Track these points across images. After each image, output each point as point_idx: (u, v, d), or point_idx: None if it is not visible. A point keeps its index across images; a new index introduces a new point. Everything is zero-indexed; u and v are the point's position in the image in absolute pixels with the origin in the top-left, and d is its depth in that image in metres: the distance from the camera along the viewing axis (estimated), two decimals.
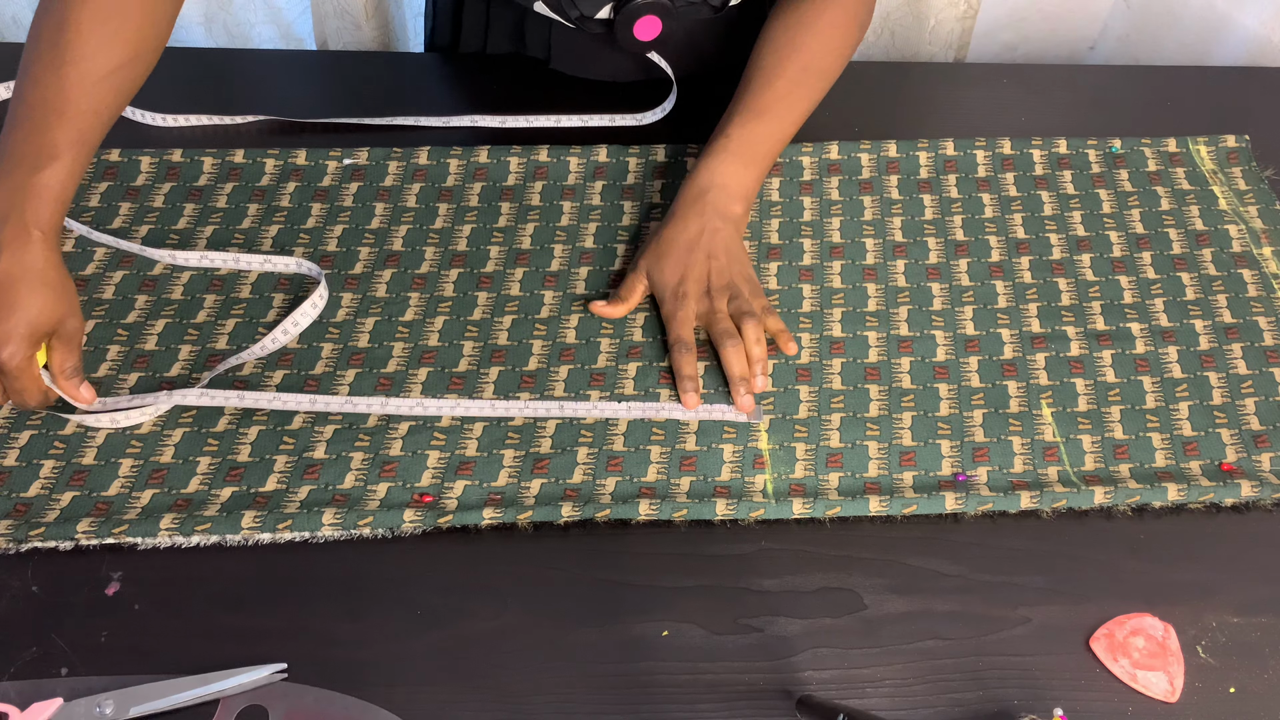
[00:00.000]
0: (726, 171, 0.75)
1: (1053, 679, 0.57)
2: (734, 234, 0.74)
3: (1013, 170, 0.84)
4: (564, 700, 0.56)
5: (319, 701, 0.55)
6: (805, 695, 0.54)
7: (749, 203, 0.76)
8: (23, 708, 0.54)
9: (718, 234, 0.73)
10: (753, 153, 0.76)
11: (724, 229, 0.73)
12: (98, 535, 0.60)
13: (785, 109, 0.78)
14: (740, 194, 0.75)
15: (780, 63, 0.78)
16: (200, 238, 0.78)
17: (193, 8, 1.19)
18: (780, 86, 0.78)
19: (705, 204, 0.74)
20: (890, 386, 0.70)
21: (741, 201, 0.75)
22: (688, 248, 0.72)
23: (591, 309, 0.73)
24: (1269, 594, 0.61)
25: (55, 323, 0.64)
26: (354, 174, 0.83)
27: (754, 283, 0.73)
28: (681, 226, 0.73)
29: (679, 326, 0.70)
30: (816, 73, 0.79)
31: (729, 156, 0.75)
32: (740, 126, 0.76)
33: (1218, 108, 0.91)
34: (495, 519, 0.62)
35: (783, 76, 0.78)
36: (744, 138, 0.76)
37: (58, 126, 0.64)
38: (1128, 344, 0.72)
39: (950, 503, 0.63)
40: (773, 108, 0.77)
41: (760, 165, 0.77)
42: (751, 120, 0.77)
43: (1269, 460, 0.66)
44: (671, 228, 0.74)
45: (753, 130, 0.76)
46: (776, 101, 0.77)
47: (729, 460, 0.65)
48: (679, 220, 0.74)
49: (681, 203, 0.75)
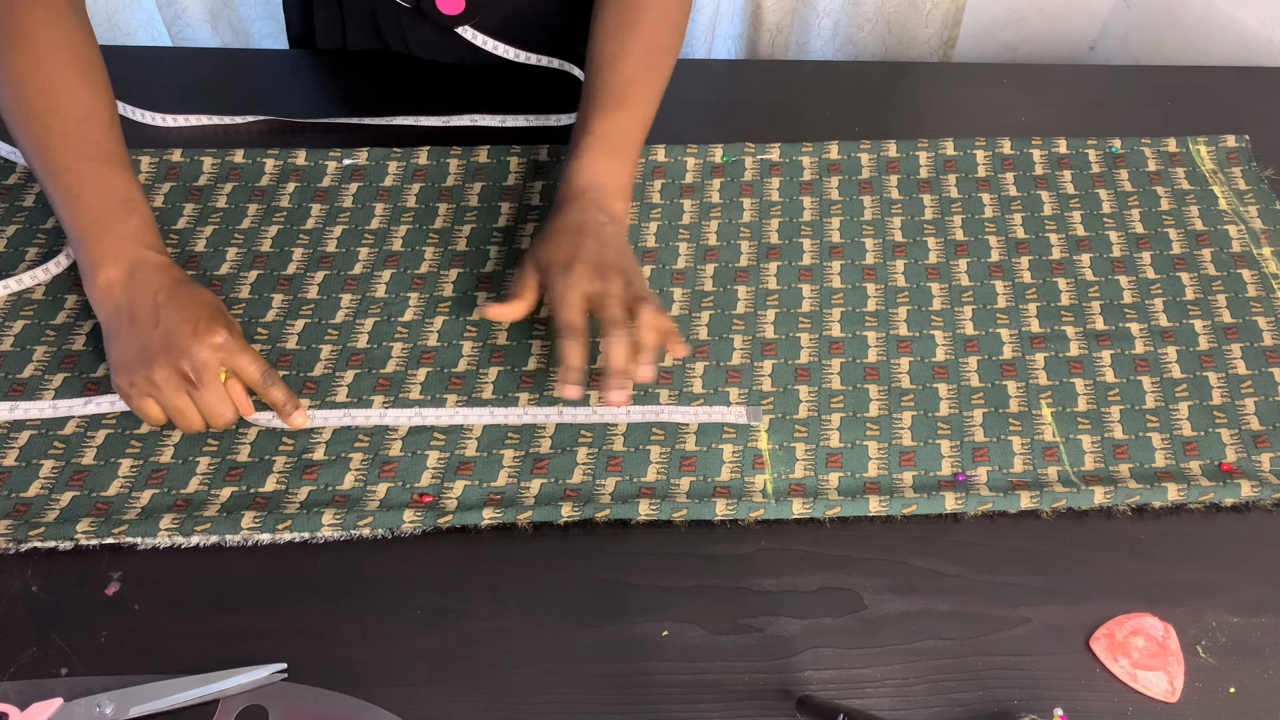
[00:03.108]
0: (600, 169, 0.73)
1: (1053, 679, 0.57)
2: (619, 230, 0.71)
3: (1013, 170, 0.84)
4: (564, 700, 0.56)
5: (319, 701, 0.55)
6: (805, 695, 0.54)
7: (628, 197, 0.74)
8: (23, 708, 0.54)
9: (603, 226, 0.70)
10: (620, 144, 0.74)
11: (609, 224, 0.71)
12: (97, 535, 0.60)
13: (640, 94, 0.76)
14: (618, 190, 0.73)
15: (621, 46, 0.76)
16: (200, 237, 0.78)
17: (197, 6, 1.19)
18: (628, 70, 0.76)
19: (586, 201, 0.71)
20: (890, 386, 0.70)
21: (621, 198, 0.73)
22: (577, 230, 0.69)
23: (485, 313, 0.68)
24: (1269, 594, 0.61)
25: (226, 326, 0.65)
26: (354, 174, 0.83)
27: (642, 278, 0.71)
28: (565, 218, 0.71)
29: (568, 310, 0.65)
30: (659, 50, 0.78)
31: (600, 154, 0.73)
32: (603, 120, 0.74)
33: (1218, 108, 0.91)
34: (495, 519, 0.62)
35: (628, 60, 0.76)
36: (609, 131, 0.74)
37: (117, 177, 0.68)
38: (1127, 344, 0.72)
39: (950, 503, 0.63)
40: (628, 95, 0.75)
41: (630, 156, 0.75)
42: (612, 111, 0.74)
43: (1269, 460, 0.66)
44: (557, 218, 0.71)
45: (616, 122, 0.74)
46: (630, 87, 0.76)
47: (728, 460, 0.66)
48: (563, 214, 0.71)
49: (562, 202, 0.72)
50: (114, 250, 0.66)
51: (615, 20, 0.78)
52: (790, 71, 1.02)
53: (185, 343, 0.63)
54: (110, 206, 0.67)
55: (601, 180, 0.73)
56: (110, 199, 0.67)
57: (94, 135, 0.68)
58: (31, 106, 0.68)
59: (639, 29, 0.77)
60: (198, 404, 0.64)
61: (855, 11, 1.24)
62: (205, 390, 0.63)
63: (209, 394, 0.63)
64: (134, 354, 0.63)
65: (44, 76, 0.68)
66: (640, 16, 0.77)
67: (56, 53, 0.68)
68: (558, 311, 0.66)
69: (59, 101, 0.68)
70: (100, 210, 0.67)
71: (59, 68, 0.68)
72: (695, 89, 0.93)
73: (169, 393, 0.63)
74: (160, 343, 0.63)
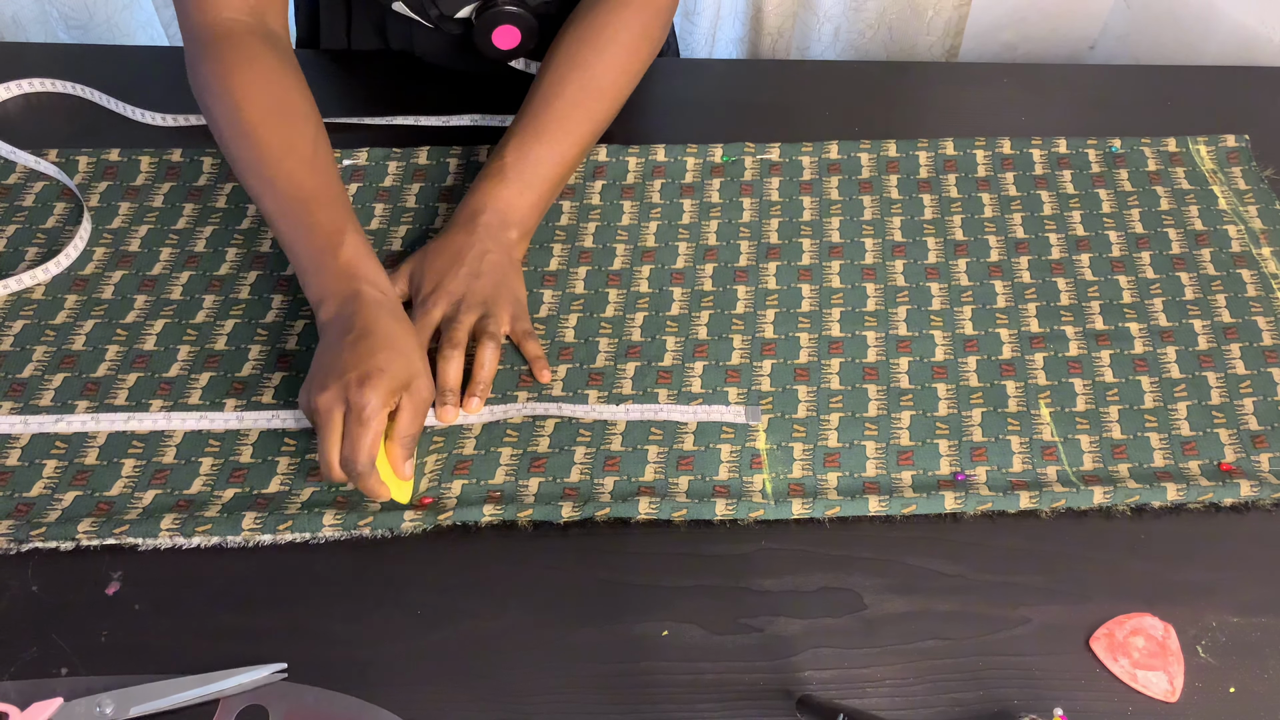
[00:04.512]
0: (500, 196, 0.73)
1: (1053, 679, 0.57)
2: (505, 258, 0.72)
3: (1012, 170, 0.84)
4: (564, 700, 0.56)
5: (319, 701, 0.55)
6: (805, 695, 0.54)
7: (526, 228, 0.74)
8: (23, 708, 0.54)
9: (487, 255, 0.71)
10: (530, 176, 0.74)
11: (494, 252, 0.71)
12: (99, 535, 0.60)
13: (564, 131, 0.75)
14: (515, 219, 0.73)
15: (560, 81, 0.76)
16: (200, 238, 0.78)
17: None
18: (559, 107, 0.76)
19: (477, 225, 0.72)
20: (889, 386, 0.70)
21: (516, 227, 0.73)
22: (452, 259, 0.71)
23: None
24: (1269, 594, 0.61)
25: (409, 377, 0.62)
26: (354, 174, 0.83)
27: (521, 304, 0.72)
28: (449, 239, 0.72)
29: (422, 340, 0.68)
30: (597, 92, 0.77)
31: (502, 181, 0.73)
32: (516, 150, 0.74)
33: (1218, 108, 0.91)
34: (495, 516, 0.62)
35: (562, 96, 0.76)
36: (519, 162, 0.74)
37: (320, 211, 0.67)
38: (1126, 344, 0.72)
39: (949, 502, 0.63)
40: (549, 129, 0.75)
41: (538, 189, 0.74)
42: (529, 142, 0.75)
43: (1268, 460, 0.66)
44: (441, 240, 0.72)
45: (529, 153, 0.74)
46: (554, 123, 0.75)
47: (726, 460, 0.66)
48: (449, 235, 0.72)
49: (454, 223, 0.73)
50: (327, 287, 0.65)
51: (564, 56, 0.77)
52: (790, 71, 1.02)
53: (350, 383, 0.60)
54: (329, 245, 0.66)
55: (499, 207, 0.73)
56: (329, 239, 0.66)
57: (292, 171, 0.68)
58: (236, 157, 0.69)
59: (583, 68, 0.76)
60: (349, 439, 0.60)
61: (857, 17, 1.24)
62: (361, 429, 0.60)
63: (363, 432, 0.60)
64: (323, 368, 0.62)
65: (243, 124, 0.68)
66: (587, 57, 0.77)
67: (254, 97, 0.69)
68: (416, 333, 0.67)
69: (282, 150, 0.68)
70: (308, 250, 0.66)
71: (259, 113, 0.68)
72: (695, 89, 0.93)
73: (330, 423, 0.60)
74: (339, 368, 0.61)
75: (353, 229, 0.67)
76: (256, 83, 0.69)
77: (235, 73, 0.69)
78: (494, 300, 0.70)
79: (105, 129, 0.86)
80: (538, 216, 0.76)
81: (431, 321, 0.69)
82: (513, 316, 0.71)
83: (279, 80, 0.70)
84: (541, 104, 0.76)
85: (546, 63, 0.78)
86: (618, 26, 0.77)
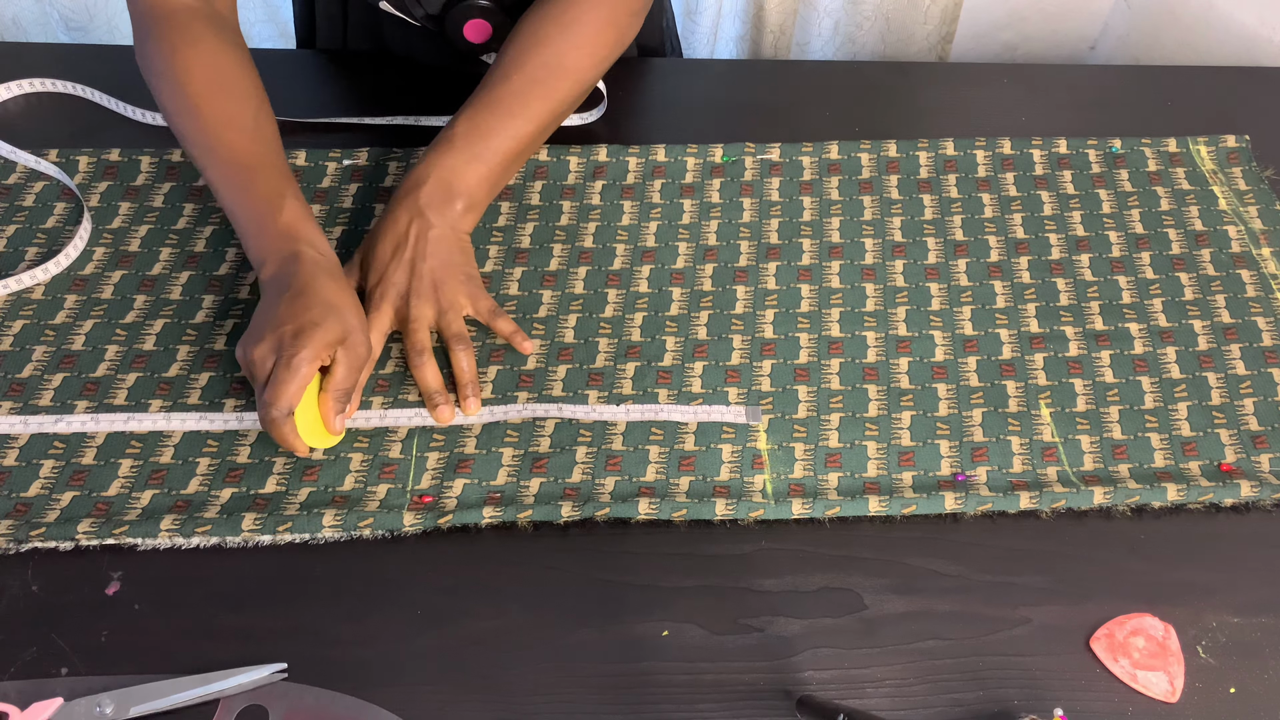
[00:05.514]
0: (445, 164, 0.71)
1: (1053, 679, 0.57)
2: (448, 232, 0.70)
3: (1013, 170, 0.84)
4: (564, 700, 0.56)
5: (319, 701, 0.55)
6: (805, 695, 0.54)
7: (473, 200, 0.72)
8: (23, 708, 0.54)
9: (429, 232, 0.69)
10: (479, 148, 0.72)
11: (437, 226, 0.70)
12: (98, 536, 0.60)
13: (520, 104, 0.73)
14: (462, 189, 0.71)
15: (521, 56, 0.74)
16: (200, 237, 0.78)
17: None
18: (518, 81, 0.74)
19: (418, 198, 0.70)
20: (889, 386, 0.70)
21: (462, 198, 0.71)
22: (394, 244, 0.70)
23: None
24: (1269, 594, 0.61)
25: (344, 332, 0.63)
26: (354, 174, 0.83)
27: (475, 282, 0.70)
28: (390, 224, 0.70)
29: (377, 337, 0.68)
30: (559, 70, 0.75)
31: (450, 150, 0.71)
32: (468, 121, 0.72)
33: (1218, 108, 0.91)
34: (495, 518, 0.62)
35: (521, 72, 0.74)
36: (470, 132, 0.72)
37: (260, 177, 0.68)
38: (1126, 344, 0.72)
39: (950, 503, 0.63)
40: (505, 102, 0.73)
41: (489, 162, 0.72)
42: (482, 113, 0.73)
43: (1268, 461, 0.66)
44: (383, 220, 0.71)
45: (481, 124, 0.72)
46: (510, 96, 0.73)
47: (727, 460, 0.66)
48: (391, 214, 0.71)
49: (396, 198, 0.71)
50: (268, 248, 0.66)
51: (527, 33, 0.76)
52: (790, 71, 1.02)
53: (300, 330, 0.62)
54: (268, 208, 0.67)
55: (443, 176, 0.71)
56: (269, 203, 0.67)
57: (233, 141, 0.69)
58: (181, 132, 0.71)
59: (544, 45, 0.75)
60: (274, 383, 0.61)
61: (855, 10, 1.25)
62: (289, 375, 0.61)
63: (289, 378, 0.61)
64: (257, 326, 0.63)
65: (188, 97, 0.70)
66: (549, 33, 0.75)
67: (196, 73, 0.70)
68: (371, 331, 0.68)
69: (222, 121, 0.70)
70: (249, 214, 0.68)
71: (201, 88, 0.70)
72: (695, 89, 0.93)
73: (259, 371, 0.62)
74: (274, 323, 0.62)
75: (292, 194, 0.68)
76: (200, 60, 0.71)
77: (179, 52, 0.71)
78: (444, 284, 0.69)
79: (105, 129, 0.86)
80: (488, 191, 0.73)
81: (384, 320, 0.69)
82: (470, 297, 0.70)
83: (222, 59, 0.72)
84: (500, 78, 0.74)
85: (509, 40, 0.76)
86: (584, 8, 0.76)
